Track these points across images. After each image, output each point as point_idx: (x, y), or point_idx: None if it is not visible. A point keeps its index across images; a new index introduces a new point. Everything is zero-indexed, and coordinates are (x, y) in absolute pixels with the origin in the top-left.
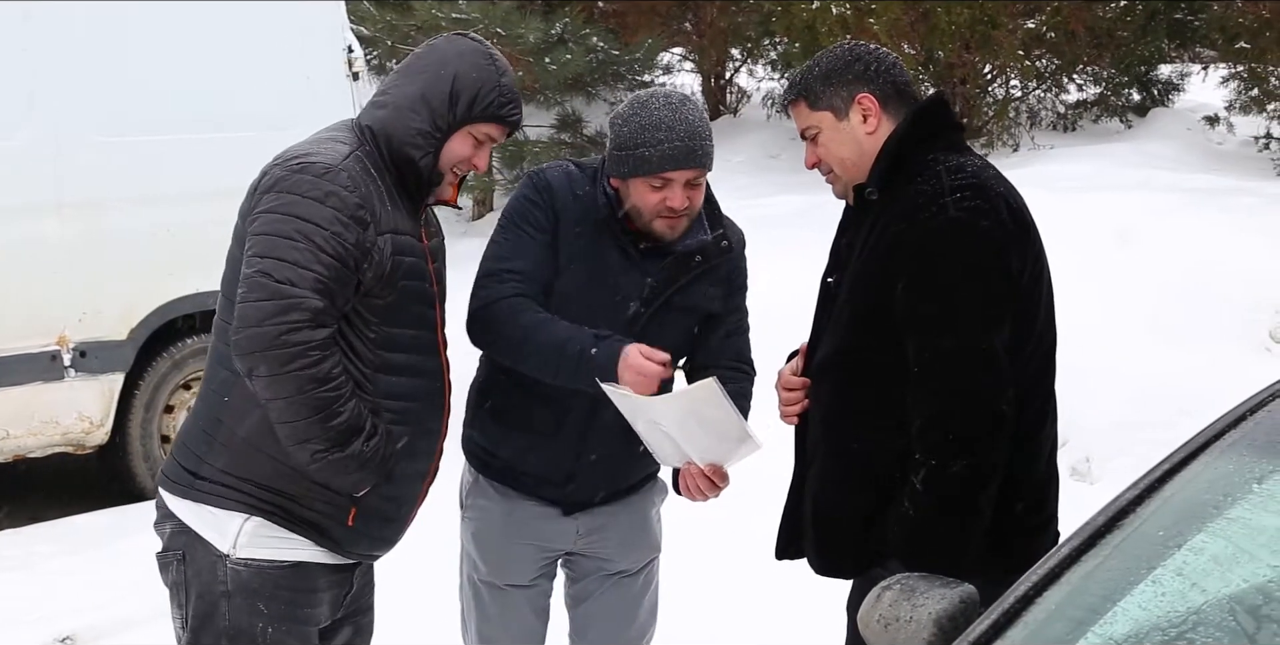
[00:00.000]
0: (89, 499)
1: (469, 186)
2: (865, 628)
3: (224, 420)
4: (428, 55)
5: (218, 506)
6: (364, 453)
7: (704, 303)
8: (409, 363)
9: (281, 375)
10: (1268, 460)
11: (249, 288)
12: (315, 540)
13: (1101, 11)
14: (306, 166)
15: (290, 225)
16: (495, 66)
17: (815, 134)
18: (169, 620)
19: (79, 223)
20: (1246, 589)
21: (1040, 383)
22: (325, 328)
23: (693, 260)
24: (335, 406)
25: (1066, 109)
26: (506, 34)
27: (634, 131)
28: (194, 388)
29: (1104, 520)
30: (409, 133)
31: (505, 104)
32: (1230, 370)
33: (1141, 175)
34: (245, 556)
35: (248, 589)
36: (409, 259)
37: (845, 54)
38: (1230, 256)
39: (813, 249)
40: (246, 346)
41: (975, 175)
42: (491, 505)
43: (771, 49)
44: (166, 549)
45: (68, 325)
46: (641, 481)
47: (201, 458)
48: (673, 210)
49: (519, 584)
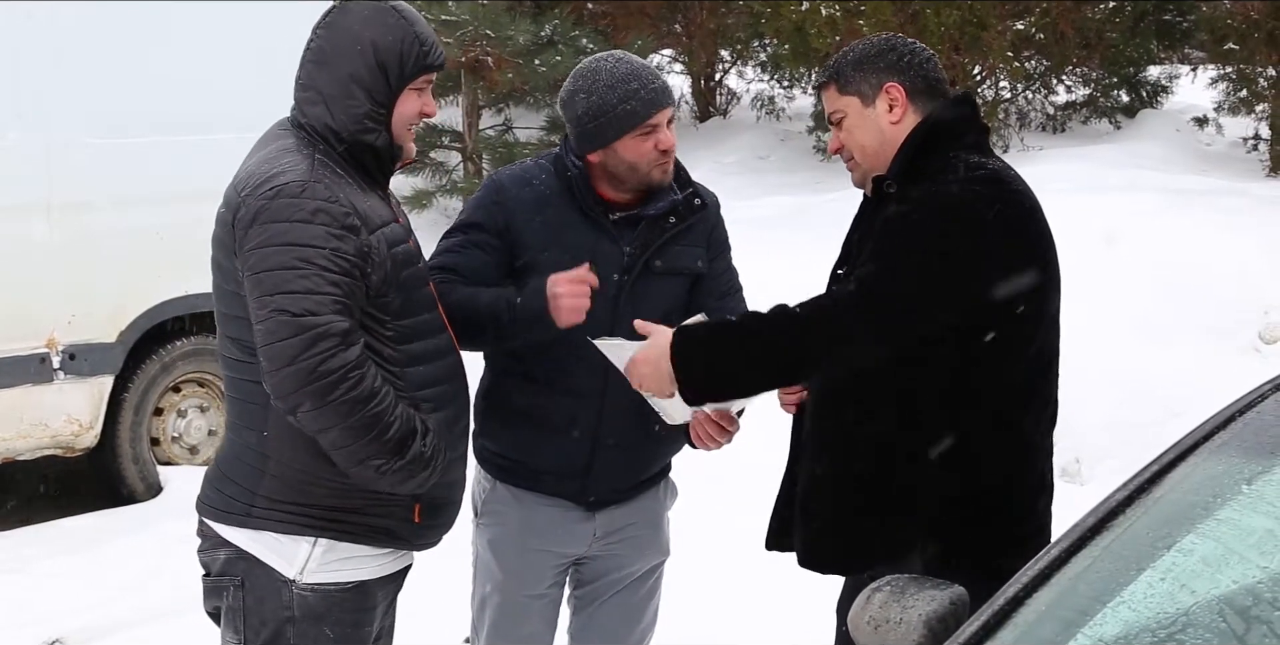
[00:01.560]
0: (78, 502)
1: (460, 189)
2: (855, 629)
3: (269, 454)
4: (334, 35)
5: (279, 532)
6: (424, 453)
7: (687, 263)
8: (428, 348)
9: (328, 406)
10: (1257, 461)
11: (271, 329)
12: (387, 545)
13: (1090, 13)
14: (281, 189)
15: (289, 255)
16: (404, 19)
17: (841, 118)
18: (159, 623)
19: (68, 224)
20: (1236, 590)
21: (1040, 391)
22: (355, 346)
23: (666, 222)
24: (387, 419)
25: (1056, 110)
26: (496, 36)
27: (604, 93)
28: (184, 390)
29: (1094, 521)
30: (354, 119)
31: (429, 51)
32: (1218, 371)
33: (1130, 176)
34: (312, 582)
35: (314, 614)
36: (400, 248)
37: (881, 43)
38: (1219, 257)
39: (803, 249)
40: (286, 388)
41: (994, 172)
42: (508, 511)
43: (761, 51)
44: (221, 574)
45: (57, 327)
46: (657, 475)
47: (253, 490)
48: (665, 152)
49: (532, 593)
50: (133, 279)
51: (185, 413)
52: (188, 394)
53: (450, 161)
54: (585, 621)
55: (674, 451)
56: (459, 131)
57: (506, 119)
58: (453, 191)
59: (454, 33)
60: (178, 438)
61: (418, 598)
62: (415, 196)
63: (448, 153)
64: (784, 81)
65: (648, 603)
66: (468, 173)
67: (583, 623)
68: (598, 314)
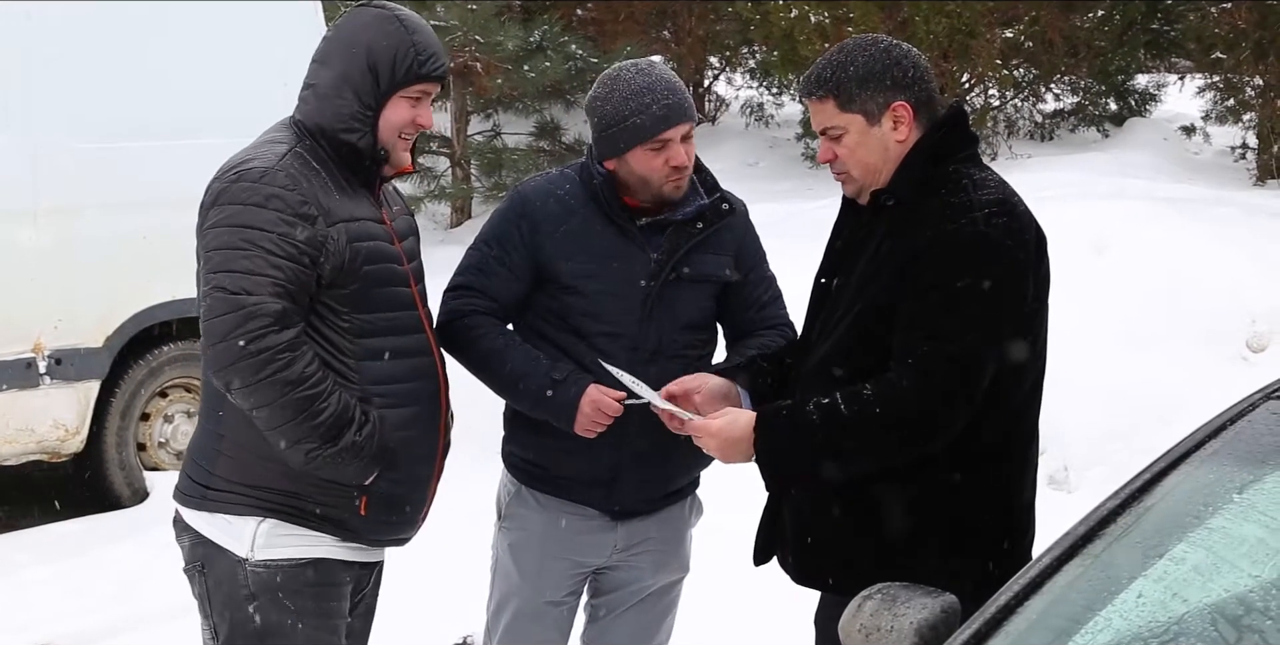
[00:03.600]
0: (65, 507)
1: (449, 194)
2: (846, 637)
3: (223, 433)
4: (337, 37)
5: (231, 513)
6: (358, 443)
7: (714, 271)
8: (392, 345)
9: (257, 384)
10: (1248, 470)
11: (209, 304)
12: (334, 534)
13: (1079, 21)
14: (243, 174)
15: (237, 236)
16: (404, 27)
17: (840, 135)
18: (146, 628)
19: (55, 229)
20: (1227, 599)
21: (1031, 405)
22: (290, 329)
23: (694, 227)
24: (317, 404)
25: (1044, 118)
26: (485, 41)
27: (619, 104)
28: (171, 395)
29: (1085, 529)
30: (339, 118)
31: (425, 61)
32: (1207, 379)
33: (1118, 184)
34: (264, 558)
35: (271, 589)
36: (368, 244)
37: (883, 56)
38: (1207, 266)
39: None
40: (218, 362)
41: (1000, 192)
42: (532, 516)
43: (750, 57)
44: (188, 562)
45: (43, 332)
46: (685, 488)
47: (209, 470)
48: (678, 169)
49: (550, 600)
50: (119, 284)
51: (172, 418)
52: (174, 399)
53: (439, 167)
54: (600, 631)
55: (702, 465)
56: (447, 137)
57: (495, 125)
58: (441, 197)
59: (443, 38)
60: (164, 443)
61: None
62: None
63: (436, 158)
64: (773, 88)
65: (664, 617)
66: (456, 178)
67: (597, 632)
68: (625, 320)
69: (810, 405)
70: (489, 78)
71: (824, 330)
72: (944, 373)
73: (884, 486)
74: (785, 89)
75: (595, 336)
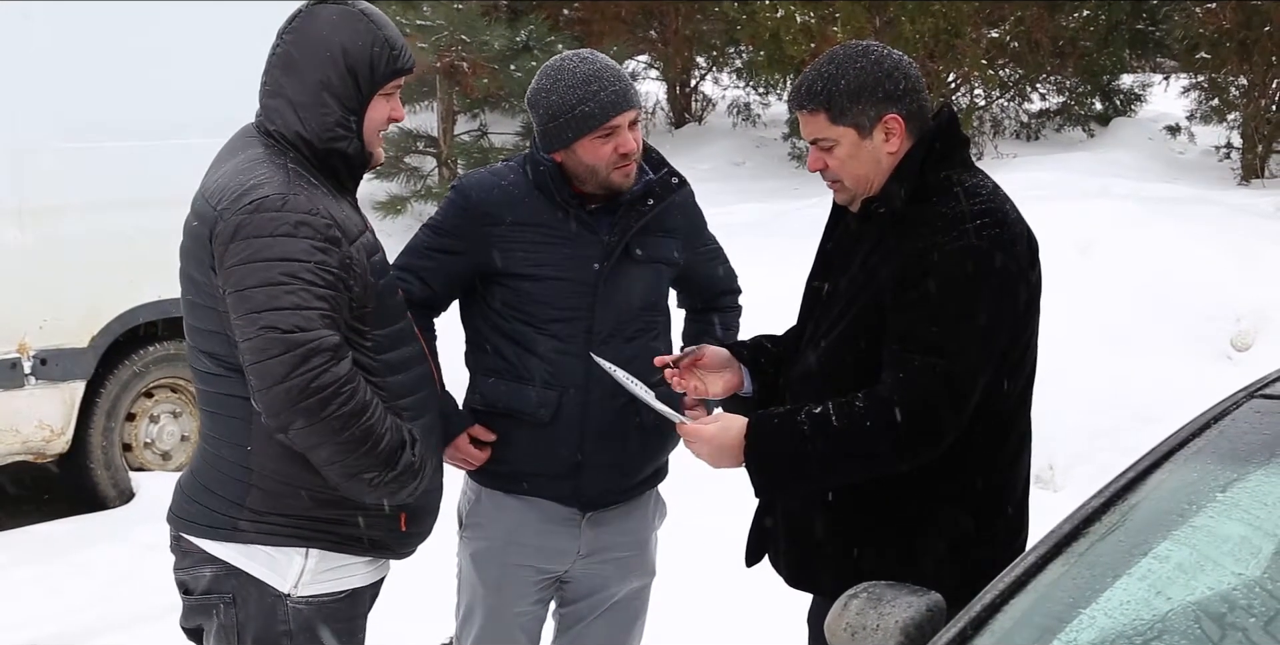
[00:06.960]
0: (49, 508)
1: (435, 194)
2: (832, 636)
3: (252, 467)
4: (302, 40)
5: (270, 545)
6: (414, 463)
7: (665, 254)
8: (404, 356)
9: (321, 422)
10: (1232, 469)
11: (260, 346)
12: (373, 554)
13: (1064, 21)
14: (261, 202)
15: (274, 270)
16: (373, 23)
17: (831, 147)
18: (132, 629)
19: (40, 229)
20: (1211, 596)
21: (1022, 409)
22: (345, 359)
23: (644, 204)
24: (379, 431)
25: (1029, 118)
26: (471, 41)
27: (565, 93)
28: (156, 395)
29: (1070, 528)
30: (325, 127)
31: (399, 55)
32: (1192, 378)
33: (1104, 184)
34: (306, 595)
35: (309, 626)
36: (377, 257)
37: (874, 68)
38: (1191, 265)
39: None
40: (278, 405)
41: (991, 200)
42: (493, 524)
43: (736, 57)
44: (208, 592)
45: (28, 332)
46: (650, 478)
47: (239, 504)
48: (626, 156)
49: (515, 610)
50: (105, 284)
51: (158, 418)
52: (160, 399)
53: (425, 167)
54: (570, 641)
55: (667, 449)
56: (434, 137)
57: (482, 124)
58: (427, 197)
59: (429, 38)
60: (150, 443)
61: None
62: (390, 202)
63: (422, 158)
64: (759, 88)
65: (633, 623)
66: (443, 178)
67: (567, 642)
68: (579, 304)
69: (802, 414)
70: (475, 77)
71: (814, 336)
72: (934, 386)
73: (876, 490)
74: (772, 89)
75: (549, 323)
